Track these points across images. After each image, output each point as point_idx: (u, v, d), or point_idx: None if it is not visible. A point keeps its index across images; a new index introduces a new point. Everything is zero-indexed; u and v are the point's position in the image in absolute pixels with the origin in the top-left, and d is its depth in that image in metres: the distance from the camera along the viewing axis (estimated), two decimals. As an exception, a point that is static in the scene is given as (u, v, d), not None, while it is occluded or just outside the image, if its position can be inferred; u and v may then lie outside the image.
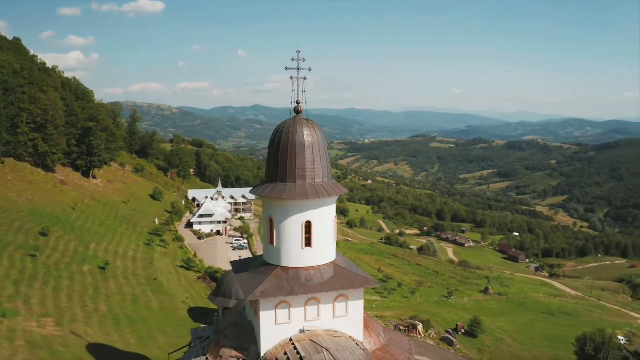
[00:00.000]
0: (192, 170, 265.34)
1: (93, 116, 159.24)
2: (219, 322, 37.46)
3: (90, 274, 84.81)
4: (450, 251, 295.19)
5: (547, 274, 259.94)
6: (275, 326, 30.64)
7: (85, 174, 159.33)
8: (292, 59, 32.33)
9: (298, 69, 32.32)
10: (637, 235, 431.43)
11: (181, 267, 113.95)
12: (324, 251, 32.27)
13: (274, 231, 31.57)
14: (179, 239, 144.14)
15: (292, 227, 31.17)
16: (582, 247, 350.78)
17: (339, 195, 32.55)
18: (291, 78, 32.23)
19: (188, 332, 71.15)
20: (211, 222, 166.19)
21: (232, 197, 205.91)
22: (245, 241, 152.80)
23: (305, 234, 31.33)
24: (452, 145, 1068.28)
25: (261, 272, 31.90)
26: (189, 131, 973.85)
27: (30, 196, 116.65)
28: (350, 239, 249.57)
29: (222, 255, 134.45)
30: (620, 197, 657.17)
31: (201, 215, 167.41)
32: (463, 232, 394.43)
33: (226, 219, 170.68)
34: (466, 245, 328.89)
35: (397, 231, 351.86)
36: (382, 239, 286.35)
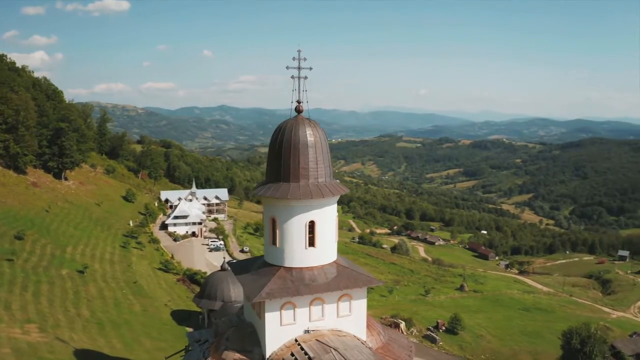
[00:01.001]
0: (161, 171, 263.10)
1: (65, 116, 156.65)
2: (217, 324, 37.02)
3: (69, 278, 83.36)
4: (421, 250, 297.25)
5: (517, 271, 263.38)
6: (280, 327, 30.36)
7: (57, 176, 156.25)
8: (293, 58, 32.19)
9: (299, 68, 32.13)
10: (602, 232, 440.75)
11: (159, 269, 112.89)
12: (327, 251, 32.27)
13: (277, 231, 31.29)
14: (155, 240, 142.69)
15: (295, 227, 30.99)
16: (550, 245, 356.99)
17: (340, 194, 32.53)
18: (292, 77, 32.02)
19: (173, 335, 70.66)
20: (186, 224, 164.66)
21: (205, 198, 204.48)
22: (222, 242, 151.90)
23: (309, 233, 31.25)
24: (418, 145, 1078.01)
25: (264, 273, 31.61)
26: (155, 132, 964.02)
27: (2, 199, 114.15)
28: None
29: (199, 257, 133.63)
30: (585, 195, 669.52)
31: (176, 217, 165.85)
32: (432, 230, 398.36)
33: (201, 220, 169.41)
34: (436, 243, 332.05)
35: (368, 230, 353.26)
36: (354, 238, 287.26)
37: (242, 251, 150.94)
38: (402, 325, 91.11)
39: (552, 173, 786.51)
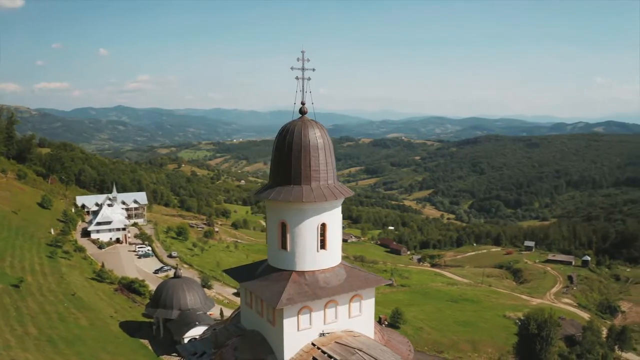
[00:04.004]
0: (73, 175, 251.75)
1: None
2: (216, 334, 35.71)
3: (6, 293, 77.77)
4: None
5: (429, 265, 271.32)
6: (298, 332, 29.88)
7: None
8: (297, 59, 31.83)
9: (303, 69, 31.77)
10: (503, 224, 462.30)
11: (93, 279, 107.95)
12: (336, 253, 32.21)
13: (288, 235, 30.79)
14: (80, 249, 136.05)
15: (308, 230, 30.66)
16: (456, 238, 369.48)
17: (347, 196, 32.55)
18: (296, 78, 31.64)
19: (129, 348, 68.00)
20: (110, 230, 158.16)
21: (123, 203, 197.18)
22: (149, 248, 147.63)
23: (320, 236, 30.98)
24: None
25: (275, 278, 31.01)
26: (50, 134, 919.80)
27: None
28: (240, 240, 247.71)
29: (129, 264, 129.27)
30: (483, 190, 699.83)
31: (99, 223, 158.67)
32: (342, 228, 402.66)
33: (125, 225, 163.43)
34: (349, 240, 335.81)
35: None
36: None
37: (170, 256, 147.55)
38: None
39: (450, 169, 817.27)
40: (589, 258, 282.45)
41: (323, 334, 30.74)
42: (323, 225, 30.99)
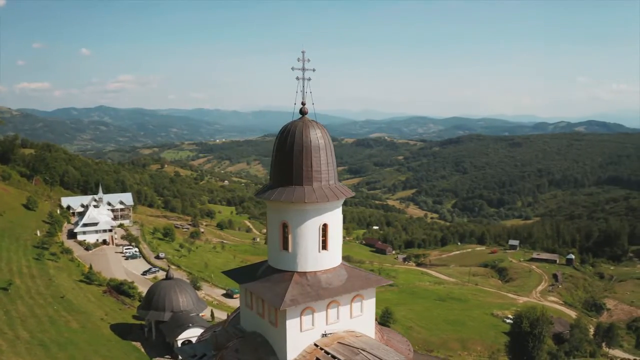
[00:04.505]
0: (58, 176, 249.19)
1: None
2: (216, 336, 35.44)
3: (-6, 297, 77.12)
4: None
5: (414, 264, 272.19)
6: (300, 333, 29.79)
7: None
8: (298, 59, 31.80)
9: (303, 69, 31.72)
10: (486, 223, 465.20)
11: (81, 281, 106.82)
12: (337, 253, 32.17)
13: (289, 236, 30.72)
14: (67, 251, 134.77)
15: (310, 231, 30.60)
16: (441, 237, 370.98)
17: (349, 197, 32.57)
18: (297, 79, 31.60)
19: (122, 351, 67.43)
20: (96, 231, 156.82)
21: (109, 204, 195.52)
22: (137, 249, 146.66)
23: (322, 236, 30.94)
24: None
25: (277, 279, 30.91)
26: (31, 134, 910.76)
27: None
28: (225, 241, 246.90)
29: (117, 266, 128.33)
30: (466, 189, 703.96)
31: (85, 224, 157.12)
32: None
33: (111, 227, 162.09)
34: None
35: (265, 230, 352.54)
36: (254, 239, 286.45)
37: (157, 257, 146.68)
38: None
39: (433, 169, 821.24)
40: (573, 256, 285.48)
41: (325, 334, 30.67)
42: (325, 226, 30.97)
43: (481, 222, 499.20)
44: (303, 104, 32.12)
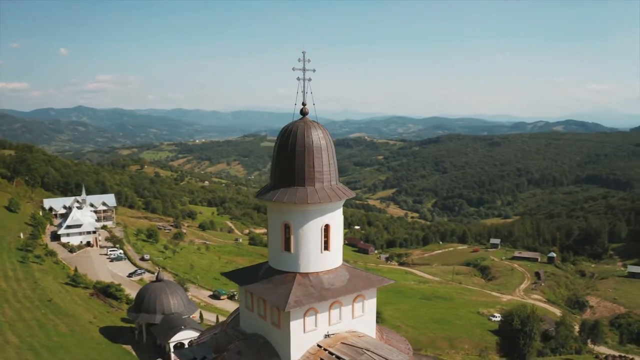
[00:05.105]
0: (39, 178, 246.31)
1: None
2: (217, 339, 35.18)
3: (-19, 300, 76.01)
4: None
5: (397, 263, 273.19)
6: (304, 334, 29.75)
7: None
8: (299, 60, 31.74)
9: (304, 69, 31.68)
10: (466, 222, 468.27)
11: (67, 284, 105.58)
12: (338, 254, 32.25)
13: (292, 237, 30.66)
14: (52, 253, 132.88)
15: (312, 232, 30.59)
16: (423, 237, 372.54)
17: (350, 197, 32.63)
18: (298, 79, 31.56)
19: (114, 355, 66.77)
20: (80, 233, 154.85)
21: (92, 205, 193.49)
22: (121, 251, 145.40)
23: (324, 237, 30.92)
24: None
25: (280, 280, 30.82)
26: (9, 135, 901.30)
27: None
28: (208, 242, 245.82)
29: (101, 268, 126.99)
30: (446, 188, 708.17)
31: (69, 226, 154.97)
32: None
33: (95, 228, 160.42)
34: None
35: (247, 231, 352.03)
36: (237, 239, 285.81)
37: (142, 259, 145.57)
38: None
39: (413, 168, 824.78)
40: (554, 255, 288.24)
41: (328, 335, 30.68)
42: (327, 227, 30.99)
43: (461, 221, 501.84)
44: (304, 104, 32.03)
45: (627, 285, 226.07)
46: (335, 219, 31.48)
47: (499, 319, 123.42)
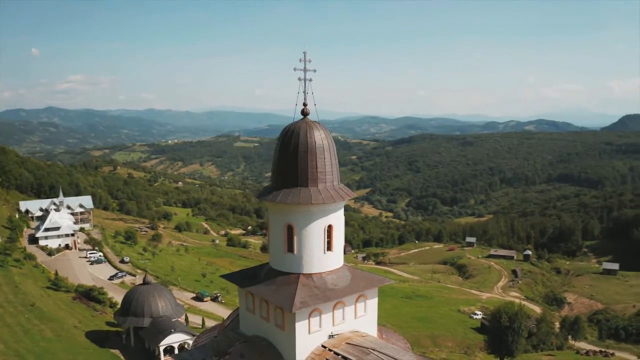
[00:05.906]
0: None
1: None
2: (218, 342, 34.84)
3: (-38, 306, 74.43)
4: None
5: (373, 262, 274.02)
6: (308, 336, 29.65)
7: None
8: (300, 60, 31.59)
9: (305, 70, 31.57)
10: (441, 221, 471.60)
11: (48, 288, 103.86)
12: (340, 254, 32.21)
13: (295, 238, 30.55)
14: (30, 257, 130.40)
15: (315, 232, 30.54)
16: (398, 236, 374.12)
17: (352, 197, 32.68)
18: (299, 79, 31.44)
19: (102, 359, 65.52)
20: (59, 236, 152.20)
21: (69, 207, 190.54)
22: (101, 254, 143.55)
23: (327, 237, 30.90)
24: (256, 145, 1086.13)
25: (283, 282, 30.66)
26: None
27: None
28: (185, 244, 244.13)
29: (82, 271, 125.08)
30: (419, 188, 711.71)
31: (47, 229, 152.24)
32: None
33: (74, 231, 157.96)
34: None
35: (223, 232, 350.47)
36: (214, 240, 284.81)
37: (122, 261, 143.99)
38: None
39: (386, 168, 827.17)
40: (530, 252, 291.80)
41: (332, 335, 30.61)
42: (329, 227, 30.93)
43: (436, 220, 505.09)
44: (305, 104, 31.88)
45: (603, 282, 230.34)
46: (338, 219, 31.53)
47: (480, 316, 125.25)
